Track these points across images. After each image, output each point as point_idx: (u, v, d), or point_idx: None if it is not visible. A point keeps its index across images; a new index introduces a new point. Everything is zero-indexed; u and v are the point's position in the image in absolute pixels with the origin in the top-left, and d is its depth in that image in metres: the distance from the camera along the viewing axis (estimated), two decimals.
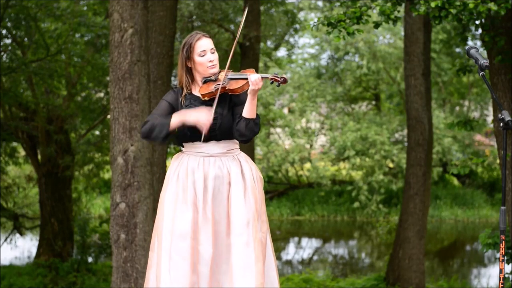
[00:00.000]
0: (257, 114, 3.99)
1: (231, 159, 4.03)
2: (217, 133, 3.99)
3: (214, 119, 3.97)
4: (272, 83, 3.99)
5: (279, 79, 3.92)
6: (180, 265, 3.90)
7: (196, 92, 4.08)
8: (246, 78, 3.95)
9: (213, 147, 4.02)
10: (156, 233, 4.04)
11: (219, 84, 3.97)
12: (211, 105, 3.99)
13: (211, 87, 4.00)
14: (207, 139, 4.00)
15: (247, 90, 3.96)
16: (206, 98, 4.00)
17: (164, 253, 3.94)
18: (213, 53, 4.07)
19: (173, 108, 4.05)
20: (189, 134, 4.01)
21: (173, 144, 16.67)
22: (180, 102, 4.06)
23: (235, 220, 3.93)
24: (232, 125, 4.01)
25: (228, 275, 3.92)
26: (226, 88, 3.98)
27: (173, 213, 3.97)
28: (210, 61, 4.04)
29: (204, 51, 4.04)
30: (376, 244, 20.62)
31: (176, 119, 3.95)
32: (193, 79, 4.10)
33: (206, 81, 4.05)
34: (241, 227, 3.92)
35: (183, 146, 4.12)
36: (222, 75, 4.03)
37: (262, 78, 3.92)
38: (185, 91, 4.07)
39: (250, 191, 3.99)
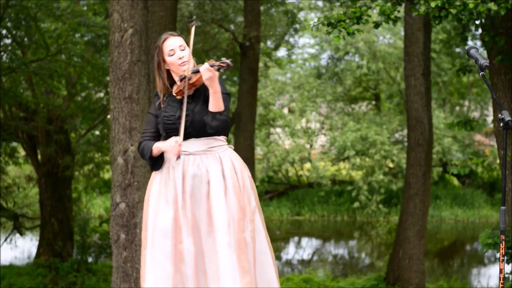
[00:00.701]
0: (225, 106, 3.95)
1: (211, 157, 3.99)
2: (190, 130, 3.97)
3: (186, 116, 3.96)
4: (218, 70, 3.90)
5: (223, 65, 3.85)
6: (163, 264, 3.90)
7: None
8: (199, 71, 3.92)
9: (193, 144, 3.99)
10: (142, 232, 4.06)
11: (186, 81, 3.96)
12: (188, 102, 3.99)
13: (181, 85, 3.99)
14: (186, 137, 3.98)
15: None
16: (179, 97, 4.00)
17: (148, 252, 3.95)
18: (182, 49, 4.04)
19: (158, 119, 4.09)
20: (165, 134, 4.04)
21: None
22: (158, 106, 4.08)
23: (217, 220, 3.90)
24: None
25: (215, 276, 3.90)
26: (190, 83, 3.96)
27: (155, 211, 3.98)
28: (180, 58, 4.02)
29: (173, 50, 4.02)
30: (376, 244, 20.62)
31: (155, 149, 4.00)
32: (173, 81, 4.09)
33: (181, 79, 4.02)
34: (224, 228, 3.89)
35: None
36: (187, 71, 3.99)
37: (212, 66, 3.86)
38: (161, 96, 4.07)
39: (231, 190, 3.95)
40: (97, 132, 15.58)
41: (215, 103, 3.90)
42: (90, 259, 14.77)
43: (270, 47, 17.84)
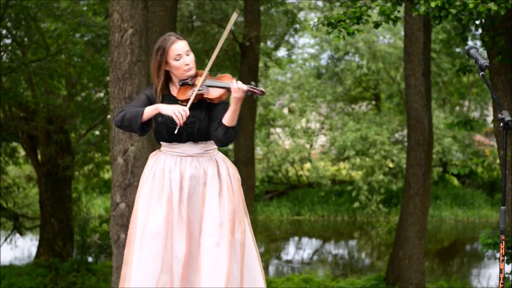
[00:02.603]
0: (237, 122, 3.96)
1: (208, 159, 4.03)
2: (195, 136, 4.00)
3: (192, 122, 3.97)
4: (250, 95, 3.92)
5: (257, 91, 3.88)
6: (148, 264, 3.90)
7: (175, 93, 4.07)
8: (226, 88, 3.91)
9: (191, 147, 4.02)
10: (130, 231, 4.04)
11: (195, 91, 3.95)
12: (189, 108, 3.98)
13: (188, 93, 3.97)
14: (185, 140, 4.00)
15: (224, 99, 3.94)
16: (184, 104, 3.98)
17: (135, 252, 3.94)
18: (188, 55, 4.03)
19: (151, 102, 4.05)
20: (167, 136, 4.02)
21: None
22: (157, 100, 4.06)
23: (207, 221, 3.92)
24: (209, 127, 4.00)
25: (197, 276, 3.91)
26: (204, 96, 3.96)
27: (146, 212, 3.97)
28: (186, 64, 4.01)
29: (180, 55, 4.00)
30: (376, 244, 20.62)
31: (151, 109, 3.96)
32: (170, 80, 4.09)
33: (183, 84, 4.02)
34: (213, 228, 3.91)
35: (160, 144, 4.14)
36: (199, 80, 3.99)
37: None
38: (159, 96, 4.04)
39: (225, 191, 3.99)
40: (97, 132, 15.58)
41: (233, 119, 3.92)
42: (90, 259, 14.77)
43: (270, 47, 17.83)
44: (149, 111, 3.96)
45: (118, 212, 7.10)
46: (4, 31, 12.82)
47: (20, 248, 17.45)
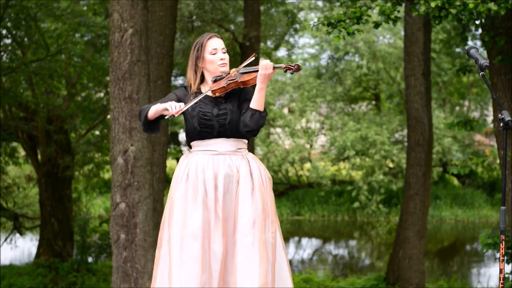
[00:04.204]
0: (264, 109, 4.02)
1: (240, 158, 4.06)
2: (227, 128, 4.02)
3: (224, 114, 4.02)
4: (285, 71, 4.02)
5: (292, 67, 3.96)
6: (191, 266, 3.92)
7: (205, 90, 4.09)
8: (258, 71, 3.99)
9: (223, 144, 4.05)
10: (164, 233, 4.06)
11: (231, 80, 4.01)
12: (221, 102, 4.04)
13: (222, 83, 4.02)
14: (219, 135, 4.02)
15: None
16: (217, 94, 4.02)
17: (175, 254, 3.96)
18: (224, 53, 4.12)
19: (180, 101, 4.09)
20: (199, 129, 4.03)
21: (172, 144, 16.66)
22: (189, 98, 4.09)
23: (241, 219, 3.96)
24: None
25: (232, 275, 3.95)
26: (238, 81, 4.02)
27: (183, 213, 3.98)
28: (221, 59, 4.09)
29: (216, 50, 4.08)
30: (376, 244, 20.62)
31: (159, 106, 4.02)
32: (203, 79, 4.13)
33: (217, 80, 4.07)
34: (247, 227, 3.95)
35: (190, 147, 4.14)
36: (233, 71, 4.07)
37: (274, 67, 3.98)
38: (193, 88, 4.09)
39: (257, 191, 4.02)
40: (97, 132, 15.58)
41: (259, 100, 3.99)
42: (90, 259, 14.77)
43: (270, 47, 17.84)
44: (157, 107, 4.01)
45: (118, 212, 7.10)
46: (4, 31, 12.82)
47: (20, 248, 17.44)
